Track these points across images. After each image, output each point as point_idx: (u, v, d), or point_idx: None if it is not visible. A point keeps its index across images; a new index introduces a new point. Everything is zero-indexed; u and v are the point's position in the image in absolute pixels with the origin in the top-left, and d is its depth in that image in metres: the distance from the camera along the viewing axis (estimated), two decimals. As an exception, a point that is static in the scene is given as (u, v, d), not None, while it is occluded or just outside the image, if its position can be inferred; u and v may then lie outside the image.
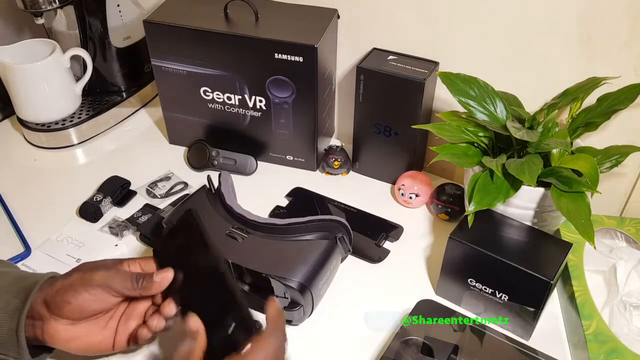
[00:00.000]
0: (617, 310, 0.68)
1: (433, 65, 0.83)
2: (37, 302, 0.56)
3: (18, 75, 0.93)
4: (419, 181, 0.86)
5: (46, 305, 0.56)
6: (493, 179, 0.68)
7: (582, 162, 0.65)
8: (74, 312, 0.56)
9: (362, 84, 0.84)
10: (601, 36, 0.72)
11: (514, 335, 0.67)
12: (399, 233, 0.83)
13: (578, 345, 0.66)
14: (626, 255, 0.73)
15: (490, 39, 0.79)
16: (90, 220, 0.84)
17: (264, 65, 0.84)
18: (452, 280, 0.71)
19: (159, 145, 1.01)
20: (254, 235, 0.72)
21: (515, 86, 0.79)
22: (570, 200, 0.63)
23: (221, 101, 0.91)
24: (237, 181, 0.82)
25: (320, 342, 0.69)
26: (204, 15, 0.87)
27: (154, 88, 1.09)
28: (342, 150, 0.93)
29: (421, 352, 0.61)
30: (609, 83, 0.71)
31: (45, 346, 0.58)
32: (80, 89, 1.01)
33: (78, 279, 0.57)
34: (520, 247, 0.68)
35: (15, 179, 0.94)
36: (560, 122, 0.77)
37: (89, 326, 0.58)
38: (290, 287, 0.66)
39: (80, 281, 0.56)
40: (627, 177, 0.80)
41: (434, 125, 0.73)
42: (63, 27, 1.01)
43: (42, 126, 0.98)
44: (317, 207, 0.88)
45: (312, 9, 0.89)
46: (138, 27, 0.99)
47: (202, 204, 0.77)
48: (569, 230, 0.74)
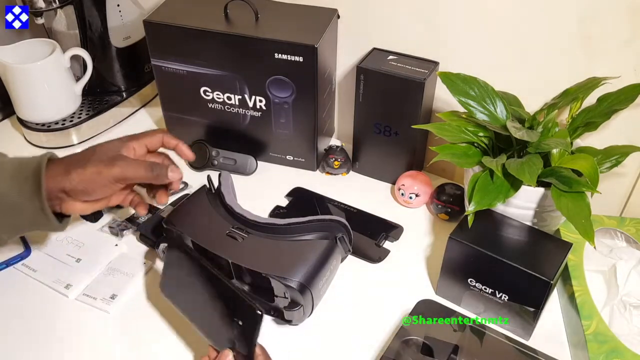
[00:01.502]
0: (617, 310, 0.68)
1: (433, 65, 0.83)
2: (54, 189, 0.62)
3: (18, 75, 0.93)
4: (419, 181, 0.86)
5: (66, 193, 0.63)
6: (493, 179, 0.68)
7: (582, 162, 0.65)
8: (90, 198, 0.65)
9: (362, 84, 0.84)
10: (601, 36, 0.72)
11: (514, 335, 0.67)
12: (399, 233, 0.83)
13: (578, 345, 0.66)
14: (626, 255, 0.73)
15: (490, 39, 0.79)
16: (91, 220, 0.84)
17: (264, 65, 0.84)
18: (452, 280, 0.71)
19: (159, 145, 1.01)
20: (254, 235, 0.72)
21: (515, 86, 0.79)
22: (570, 200, 0.63)
23: (221, 101, 0.91)
24: (237, 181, 0.82)
25: (320, 342, 0.69)
26: (204, 15, 0.87)
27: (154, 88, 1.08)
28: (342, 150, 0.93)
29: (421, 352, 0.61)
30: (609, 83, 0.71)
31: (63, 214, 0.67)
32: (80, 88, 1.01)
33: (95, 173, 0.62)
34: (520, 247, 0.68)
35: (15, 178, 0.94)
36: (560, 122, 0.77)
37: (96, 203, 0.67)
38: (290, 287, 0.66)
39: (97, 176, 0.63)
40: (627, 177, 0.80)
41: (434, 125, 0.73)
42: (63, 27, 1.01)
43: (42, 126, 0.98)
44: (317, 207, 0.88)
45: (312, 9, 0.89)
46: (138, 27, 0.99)
47: (202, 204, 0.77)
48: (569, 230, 0.74)
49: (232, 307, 0.58)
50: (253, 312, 0.54)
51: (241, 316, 0.56)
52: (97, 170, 0.62)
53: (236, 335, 0.57)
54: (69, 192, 0.63)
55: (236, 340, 0.57)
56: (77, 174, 0.62)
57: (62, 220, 0.66)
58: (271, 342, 0.68)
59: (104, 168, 0.63)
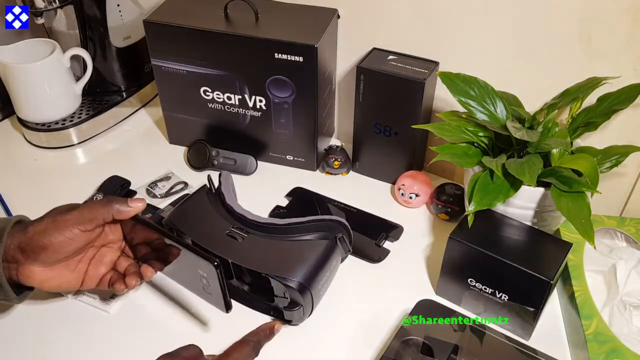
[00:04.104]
0: (617, 310, 0.68)
1: (433, 65, 0.83)
2: (10, 247, 0.59)
3: (18, 75, 0.93)
4: (419, 181, 0.86)
5: (21, 251, 0.59)
6: (493, 179, 0.68)
7: (582, 162, 0.65)
8: (49, 257, 0.60)
9: (362, 84, 0.84)
10: (601, 36, 0.72)
11: (514, 335, 0.67)
12: (399, 233, 0.83)
13: (578, 345, 0.66)
14: (626, 255, 0.73)
15: (490, 39, 0.79)
16: (90, 220, 0.84)
17: (264, 65, 0.84)
18: (452, 280, 0.71)
19: (159, 145, 1.01)
20: (254, 235, 0.72)
21: (515, 86, 0.79)
22: (570, 200, 0.63)
23: (221, 101, 0.91)
24: (237, 181, 0.82)
25: (320, 342, 0.69)
26: (204, 15, 0.87)
27: (154, 88, 1.08)
28: (342, 150, 0.93)
29: (421, 352, 0.61)
30: (609, 83, 0.71)
31: (24, 285, 0.62)
32: (80, 88, 1.01)
33: (51, 223, 0.59)
34: (520, 247, 0.68)
35: (15, 178, 0.94)
36: (560, 122, 0.77)
37: (61, 269, 0.62)
38: (290, 287, 0.66)
39: (53, 225, 0.59)
40: (627, 177, 0.80)
41: (434, 125, 0.73)
42: (63, 27, 1.01)
43: (42, 126, 0.98)
44: (317, 207, 0.88)
45: (312, 9, 0.89)
46: (138, 27, 0.99)
47: (202, 204, 0.77)
48: (569, 230, 0.74)
49: (196, 264, 0.61)
50: (210, 264, 0.59)
51: (204, 270, 0.61)
52: (53, 219, 0.60)
53: (205, 285, 0.63)
54: (25, 248, 0.59)
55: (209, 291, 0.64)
56: (33, 227, 0.59)
57: (21, 293, 0.62)
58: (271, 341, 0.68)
59: (59, 216, 0.60)
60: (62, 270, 0.62)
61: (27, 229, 0.59)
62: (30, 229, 0.59)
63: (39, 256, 0.59)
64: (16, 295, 0.61)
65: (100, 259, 0.66)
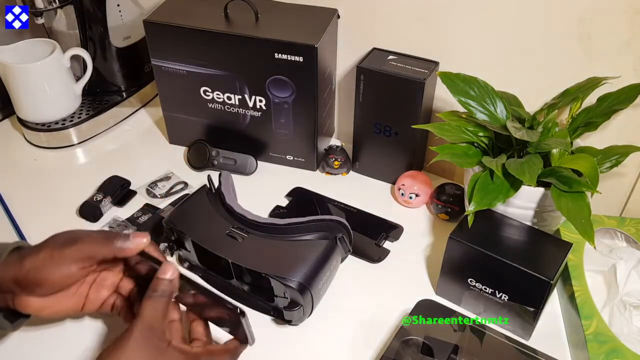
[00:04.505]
0: (617, 310, 0.68)
1: (433, 65, 0.83)
2: (5, 278, 0.55)
3: (18, 75, 0.93)
4: (419, 181, 0.86)
5: (17, 284, 0.56)
6: (493, 179, 0.68)
7: (582, 162, 0.65)
8: (45, 290, 0.57)
9: (362, 84, 0.84)
10: (601, 36, 0.72)
11: (514, 335, 0.67)
12: (399, 233, 0.83)
13: (578, 345, 0.66)
14: (626, 255, 0.73)
15: (490, 39, 0.79)
16: (90, 220, 0.84)
17: (264, 65, 0.84)
18: (452, 280, 0.71)
19: (159, 145, 1.01)
20: (254, 235, 0.72)
21: (515, 86, 0.79)
22: (570, 200, 0.63)
23: (221, 101, 0.91)
24: (237, 181, 0.82)
25: (320, 342, 0.69)
26: (204, 15, 0.87)
27: (154, 88, 1.08)
28: (342, 150, 0.93)
29: (421, 352, 0.61)
30: (609, 83, 0.71)
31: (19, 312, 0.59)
32: (80, 88, 1.01)
33: (48, 257, 0.56)
34: (520, 247, 0.68)
35: (15, 178, 0.94)
36: (560, 122, 0.77)
37: (59, 297, 0.59)
38: (290, 287, 0.66)
39: (50, 261, 0.56)
40: (627, 177, 0.80)
41: (434, 125, 0.73)
42: (63, 27, 1.01)
43: (42, 126, 0.98)
44: (317, 207, 0.88)
45: (312, 9, 0.89)
46: (138, 27, 0.99)
47: (202, 204, 0.77)
48: (569, 230, 0.74)
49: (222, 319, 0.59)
50: (236, 314, 0.56)
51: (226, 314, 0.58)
52: (50, 254, 0.56)
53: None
54: (20, 282, 0.56)
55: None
56: (29, 261, 0.56)
57: (15, 321, 0.59)
58: (271, 342, 0.68)
59: (57, 250, 0.56)
60: (60, 297, 0.59)
61: (23, 262, 0.56)
62: (27, 262, 0.56)
63: (35, 290, 0.56)
64: (10, 323, 0.59)
65: (101, 282, 0.62)
